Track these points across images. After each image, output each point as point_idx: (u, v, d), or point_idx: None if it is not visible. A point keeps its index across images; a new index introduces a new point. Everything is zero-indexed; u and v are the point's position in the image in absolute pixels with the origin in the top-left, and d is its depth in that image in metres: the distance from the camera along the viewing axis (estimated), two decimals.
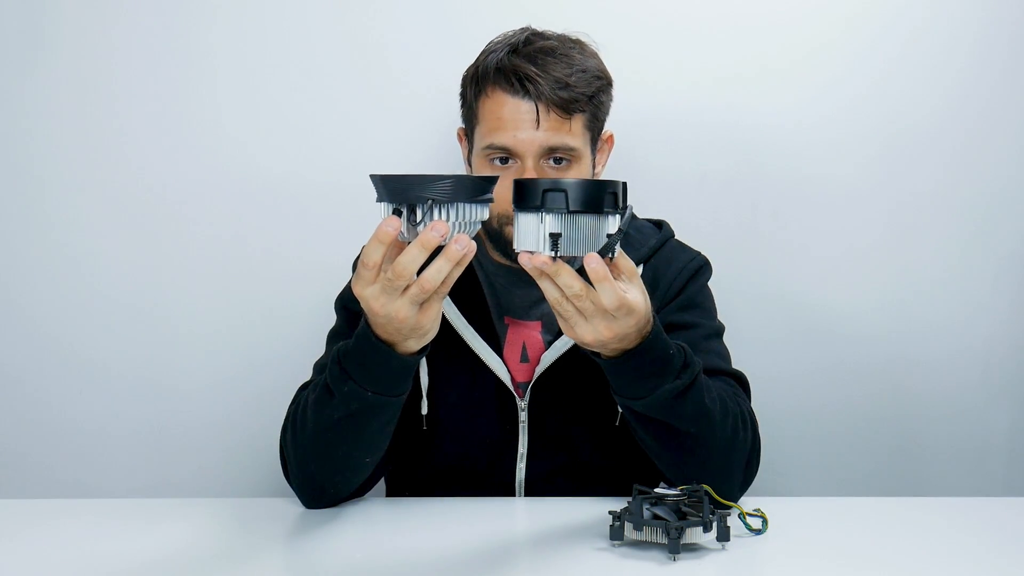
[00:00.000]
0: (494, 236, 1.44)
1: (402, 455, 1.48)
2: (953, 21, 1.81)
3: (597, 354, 1.23)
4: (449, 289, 1.14)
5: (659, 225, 1.55)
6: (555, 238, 1.11)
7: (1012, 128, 1.82)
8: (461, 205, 1.10)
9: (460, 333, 1.44)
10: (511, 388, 1.44)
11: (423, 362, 1.42)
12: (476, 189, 1.10)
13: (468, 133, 1.48)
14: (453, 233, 1.10)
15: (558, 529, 1.26)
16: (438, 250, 1.11)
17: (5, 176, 1.81)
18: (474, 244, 1.11)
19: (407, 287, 1.11)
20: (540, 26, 1.46)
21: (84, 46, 1.80)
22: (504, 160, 1.40)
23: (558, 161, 1.40)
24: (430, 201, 1.09)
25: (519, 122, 1.38)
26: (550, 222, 1.11)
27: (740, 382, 1.43)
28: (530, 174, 1.38)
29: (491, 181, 1.13)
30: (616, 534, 1.17)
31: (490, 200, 1.12)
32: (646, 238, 1.51)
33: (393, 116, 1.81)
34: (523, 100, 1.38)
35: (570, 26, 1.46)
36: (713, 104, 1.81)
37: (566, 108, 1.38)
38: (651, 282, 1.46)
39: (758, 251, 1.83)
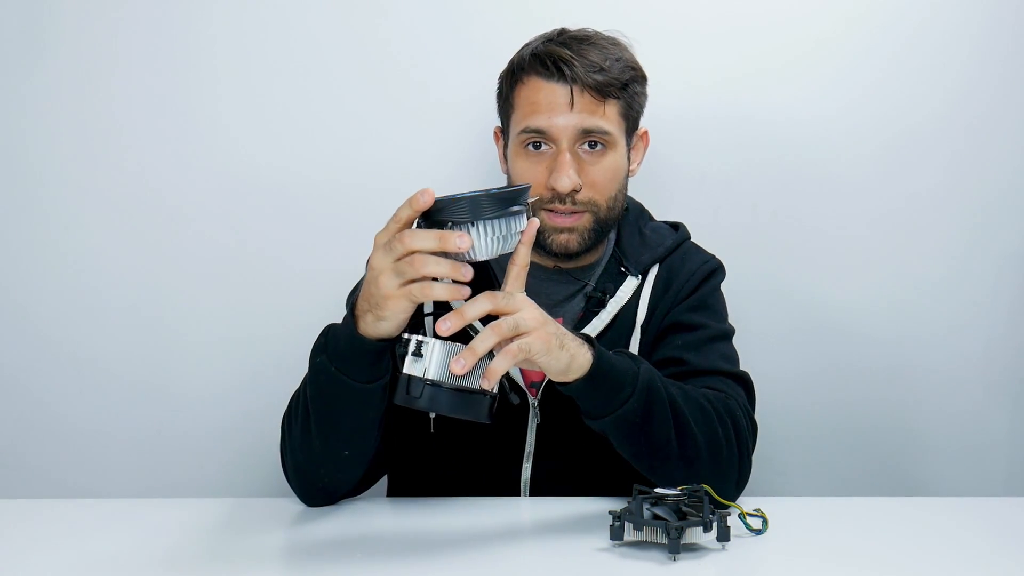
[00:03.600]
0: None
1: (409, 453, 1.47)
2: (953, 21, 1.81)
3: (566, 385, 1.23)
4: (436, 295, 1.11)
5: (676, 227, 1.57)
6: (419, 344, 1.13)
7: (1012, 128, 1.82)
8: (488, 222, 1.09)
9: (477, 328, 1.43)
10: (523, 386, 1.44)
11: None
12: (502, 204, 1.10)
13: (504, 128, 1.49)
14: (482, 247, 1.10)
15: (558, 529, 1.26)
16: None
17: (5, 176, 1.81)
18: (469, 270, 1.09)
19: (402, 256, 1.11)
20: (543, 26, 1.47)
21: (84, 46, 1.80)
22: (538, 146, 1.41)
23: (593, 145, 1.41)
24: (450, 224, 1.10)
25: (554, 105, 1.39)
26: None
27: (743, 383, 1.42)
28: (563, 159, 1.39)
29: (521, 192, 1.12)
30: (616, 534, 1.17)
31: (521, 211, 1.12)
32: (662, 238, 1.52)
33: (394, 120, 1.81)
34: (558, 84, 1.39)
35: (571, 25, 1.46)
36: (714, 103, 1.81)
37: (600, 91, 1.39)
38: (665, 281, 1.47)
39: (758, 251, 1.83)
